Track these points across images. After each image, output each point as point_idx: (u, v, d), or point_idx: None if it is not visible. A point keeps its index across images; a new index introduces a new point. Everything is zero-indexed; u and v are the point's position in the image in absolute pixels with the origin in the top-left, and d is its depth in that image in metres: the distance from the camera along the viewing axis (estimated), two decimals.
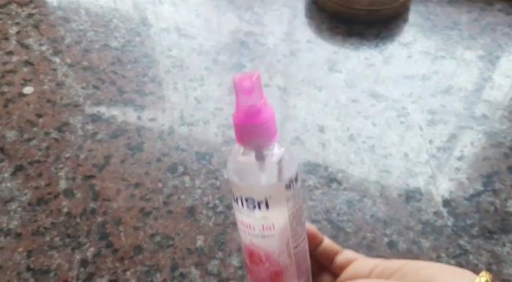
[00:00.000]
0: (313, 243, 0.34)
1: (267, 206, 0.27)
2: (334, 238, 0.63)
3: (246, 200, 0.27)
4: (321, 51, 0.89)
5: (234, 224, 0.64)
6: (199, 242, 0.61)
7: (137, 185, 0.67)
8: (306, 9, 0.98)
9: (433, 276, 0.25)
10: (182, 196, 0.66)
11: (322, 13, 0.96)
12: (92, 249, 0.60)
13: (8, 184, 0.66)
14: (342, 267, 0.33)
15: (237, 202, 0.28)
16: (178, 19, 0.94)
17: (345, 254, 0.34)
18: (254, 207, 0.27)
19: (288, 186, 0.27)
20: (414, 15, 0.98)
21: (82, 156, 0.70)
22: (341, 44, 0.91)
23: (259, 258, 0.29)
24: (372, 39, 0.92)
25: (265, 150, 0.27)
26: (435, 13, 0.99)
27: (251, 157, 0.27)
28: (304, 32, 0.93)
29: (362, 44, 0.91)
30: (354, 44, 0.91)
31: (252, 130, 0.26)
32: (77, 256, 0.59)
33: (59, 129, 0.74)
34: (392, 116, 0.78)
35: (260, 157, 0.26)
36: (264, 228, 0.28)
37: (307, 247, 0.31)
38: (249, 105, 0.26)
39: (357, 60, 0.88)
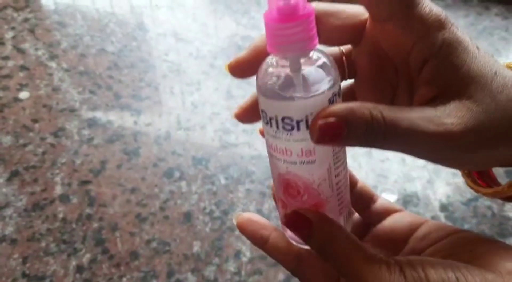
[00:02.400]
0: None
1: (307, 125, 0.22)
2: None
3: (283, 120, 0.23)
4: None
5: (230, 229, 0.63)
6: (196, 248, 0.61)
7: (133, 190, 0.67)
8: None
9: (487, 262, 0.22)
10: (179, 201, 0.66)
11: None
12: (88, 255, 0.59)
13: (4, 190, 0.66)
14: (379, 217, 0.29)
15: (270, 124, 0.24)
16: (175, 24, 0.94)
17: (382, 203, 0.30)
18: (293, 127, 0.23)
19: (331, 101, 0.22)
20: None
21: (78, 161, 0.70)
22: None
23: (296, 189, 0.25)
24: None
25: (304, 58, 0.22)
26: None
27: (287, 67, 0.22)
28: None
29: None
30: None
31: (287, 33, 0.21)
32: (73, 262, 0.58)
33: (55, 135, 0.73)
34: None
35: (298, 67, 0.22)
36: (303, 152, 0.24)
37: (348, 176, 0.27)
38: (284, 1, 0.21)
39: None
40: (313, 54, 0.22)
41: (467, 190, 0.68)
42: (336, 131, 0.20)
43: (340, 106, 0.20)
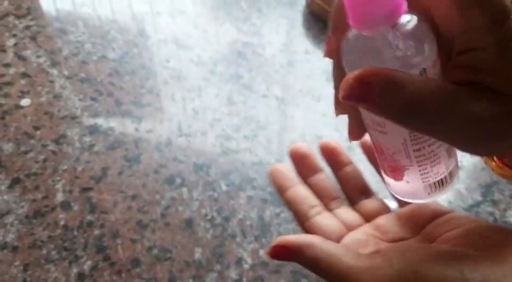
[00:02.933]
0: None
1: None
2: None
3: None
4: (319, 61, 0.89)
5: (232, 236, 0.63)
6: (197, 255, 0.61)
7: (134, 197, 0.67)
8: (303, 20, 0.98)
9: (501, 251, 0.21)
10: (180, 208, 0.66)
11: (320, 24, 0.96)
12: (89, 262, 0.59)
13: (5, 197, 0.66)
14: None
15: None
16: (176, 30, 0.94)
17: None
18: None
19: (421, 74, 0.20)
20: None
21: (79, 168, 0.70)
22: None
23: (379, 149, 0.26)
24: None
25: (393, 27, 0.20)
26: None
27: (373, 39, 0.20)
28: (302, 42, 0.93)
29: None
30: None
31: (371, 6, 0.19)
32: (74, 270, 0.58)
33: (56, 142, 0.73)
34: None
35: (386, 40, 0.20)
36: (374, 122, 0.24)
37: (444, 153, 0.25)
38: None
39: None
40: (403, 21, 0.20)
41: (469, 195, 0.68)
42: (362, 94, 0.19)
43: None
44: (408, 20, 0.20)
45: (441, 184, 0.26)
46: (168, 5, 1.00)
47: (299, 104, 0.81)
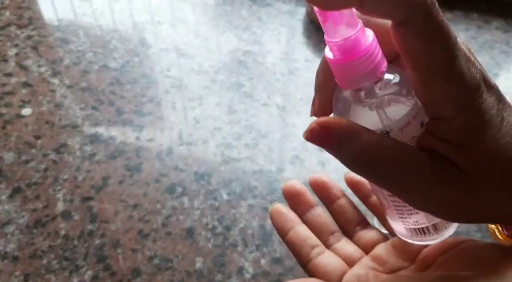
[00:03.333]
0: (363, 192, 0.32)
1: None
2: None
3: None
4: None
5: (233, 245, 0.63)
6: (198, 264, 0.60)
7: (135, 206, 0.66)
8: (304, 29, 0.99)
9: (494, 268, 0.21)
10: (181, 217, 0.65)
11: (320, 32, 0.97)
12: (89, 272, 0.59)
13: (6, 207, 0.66)
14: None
15: None
16: (177, 39, 0.95)
17: None
18: None
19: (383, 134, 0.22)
20: None
21: (80, 177, 0.70)
22: None
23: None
24: None
25: (377, 83, 0.21)
26: None
27: (360, 96, 0.22)
28: (302, 51, 0.94)
29: None
30: None
31: (353, 67, 0.21)
32: (75, 280, 0.58)
33: (57, 151, 0.73)
34: None
35: (373, 94, 0.21)
36: None
37: None
38: (340, 38, 0.20)
39: None
40: (385, 77, 0.21)
41: None
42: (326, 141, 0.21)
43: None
44: (391, 79, 0.21)
45: (422, 232, 0.26)
46: (169, 15, 1.00)
47: (300, 113, 0.81)
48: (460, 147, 0.20)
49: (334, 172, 0.71)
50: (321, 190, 0.34)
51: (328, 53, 0.21)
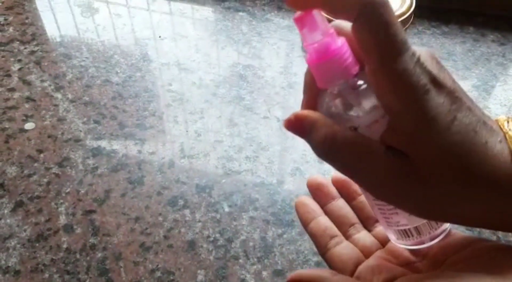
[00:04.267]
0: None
1: None
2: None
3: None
4: None
5: (234, 257, 0.63)
6: (200, 277, 0.60)
7: (137, 219, 0.67)
8: (302, 43, 1.00)
9: (508, 269, 0.22)
10: (183, 230, 0.66)
11: None
12: None
13: (8, 220, 0.66)
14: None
15: None
16: (178, 54, 0.96)
17: None
18: None
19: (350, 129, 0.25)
20: None
21: (82, 191, 0.70)
22: None
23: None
24: None
25: (351, 82, 0.24)
26: (429, 44, 1.01)
27: (339, 95, 0.25)
28: (301, 65, 0.95)
29: None
30: None
31: (328, 67, 0.23)
32: None
33: (60, 165, 0.74)
34: None
35: (348, 91, 0.24)
36: None
37: None
38: (315, 42, 0.23)
39: None
40: (357, 80, 0.24)
41: None
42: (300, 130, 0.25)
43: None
44: (362, 82, 0.24)
45: (406, 235, 0.28)
46: (170, 30, 1.02)
47: None
48: (409, 139, 0.22)
49: None
50: (342, 187, 0.36)
51: (307, 57, 0.24)
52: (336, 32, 0.24)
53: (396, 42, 0.21)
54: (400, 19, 0.94)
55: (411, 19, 1.02)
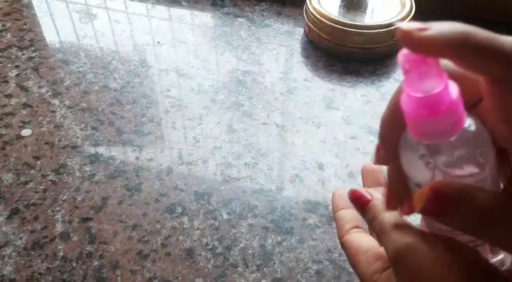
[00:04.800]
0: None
1: None
2: (336, 279, 0.61)
3: None
4: (318, 89, 0.90)
5: (233, 265, 0.62)
6: None
7: (134, 227, 0.66)
8: (302, 48, 1.00)
9: None
10: (181, 237, 0.65)
11: (318, 51, 0.98)
12: None
13: (3, 228, 0.65)
14: None
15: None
16: (177, 60, 0.95)
17: None
18: None
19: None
20: None
21: (79, 198, 0.69)
22: (338, 82, 0.92)
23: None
24: (368, 76, 0.93)
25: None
26: None
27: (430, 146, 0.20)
28: (301, 70, 0.94)
29: (359, 82, 0.92)
30: (351, 81, 0.92)
31: (432, 124, 0.19)
32: None
33: (57, 171, 0.73)
34: None
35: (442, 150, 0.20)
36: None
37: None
38: (424, 93, 0.19)
39: (354, 97, 0.88)
40: (463, 129, 0.20)
41: None
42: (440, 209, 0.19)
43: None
44: (468, 128, 0.20)
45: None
46: (169, 36, 1.01)
47: (299, 131, 0.81)
48: None
49: (334, 190, 0.71)
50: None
51: (405, 104, 0.20)
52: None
53: None
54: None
55: None
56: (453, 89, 0.19)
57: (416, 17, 1.00)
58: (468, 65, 0.19)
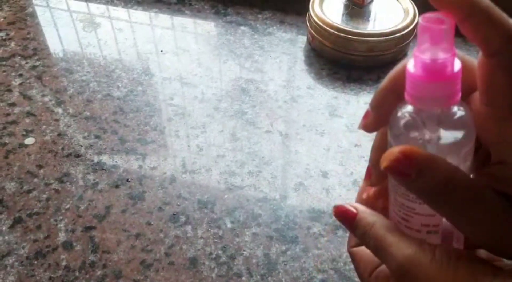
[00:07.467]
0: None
1: None
2: None
3: None
4: (321, 96, 0.90)
5: (237, 275, 0.61)
6: None
7: (138, 236, 0.65)
8: (305, 56, 1.00)
9: None
10: (184, 246, 0.64)
11: (321, 59, 0.98)
12: None
13: (6, 237, 0.65)
14: None
15: None
16: (180, 68, 0.95)
17: None
18: None
19: (460, 156, 0.22)
20: None
21: (82, 207, 0.69)
22: (341, 90, 0.91)
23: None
24: (372, 84, 0.93)
25: (443, 111, 0.21)
26: None
27: (422, 117, 0.22)
28: (304, 78, 0.94)
29: (362, 89, 0.91)
30: (354, 89, 0.92)
31: (431, 89, 0.21)
32: None
33: (60, 180, 0.73)
34: None
35: (434, 120, 0.21)
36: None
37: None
38: (432, 56, 0.20)
39: (358, 104, 0.88)
40: (454, 108, 0.22)
41: None
42: (403, 171, 0.20)
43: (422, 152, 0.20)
44: (458, 109, 0.21)
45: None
46: (172, 44, 1.02)
47: (303, 139, 0.81)
48: None
49: (338, 198, 0.71)
50: None
51: (411, 66, 0.21)
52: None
53: None
54: (404, 32, 0.93)
55: (415, 32, 1.02)
56: (457, 64, 0.21)
57: None
58: (471, 28, 0.19)
